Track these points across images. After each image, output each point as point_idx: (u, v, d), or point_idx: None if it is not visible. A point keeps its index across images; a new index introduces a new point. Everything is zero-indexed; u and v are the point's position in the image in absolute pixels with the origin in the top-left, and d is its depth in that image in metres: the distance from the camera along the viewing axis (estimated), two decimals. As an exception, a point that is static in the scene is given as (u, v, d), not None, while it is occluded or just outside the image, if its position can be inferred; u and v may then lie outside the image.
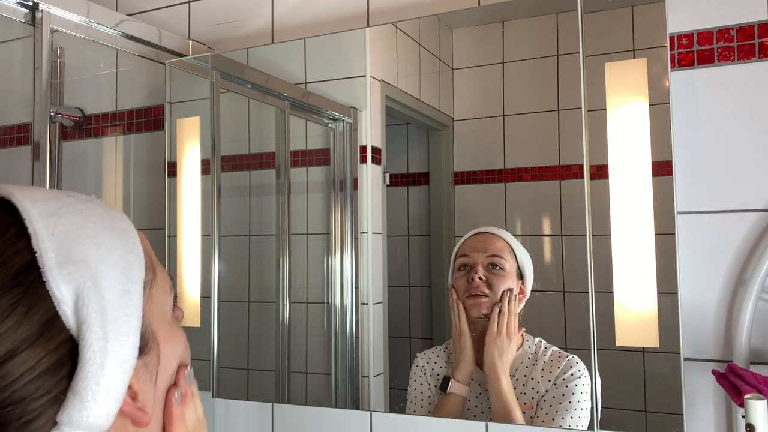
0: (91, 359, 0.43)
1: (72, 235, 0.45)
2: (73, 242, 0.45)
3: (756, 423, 0.83)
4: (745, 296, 0.96)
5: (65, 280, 0.43)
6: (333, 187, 1.29)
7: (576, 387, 1.04)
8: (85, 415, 0.42)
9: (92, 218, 0.48)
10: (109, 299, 0.45)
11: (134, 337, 0.46)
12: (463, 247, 1.14)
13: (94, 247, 0.46)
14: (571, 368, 1.06)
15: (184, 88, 1.42)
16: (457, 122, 1.17)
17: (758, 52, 1.01)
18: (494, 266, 1.10)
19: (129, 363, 0.45)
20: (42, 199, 0.47)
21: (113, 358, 0.44)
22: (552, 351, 1.09)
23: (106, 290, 0.45)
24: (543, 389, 1.07)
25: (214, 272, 1.34)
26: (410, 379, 1.18)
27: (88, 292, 0.43)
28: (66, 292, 0.43)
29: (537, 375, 1.08)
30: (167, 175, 1.42)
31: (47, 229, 0.44)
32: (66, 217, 0.46)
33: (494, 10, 1.16)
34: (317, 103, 1.33)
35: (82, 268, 0.44)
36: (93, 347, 0.43)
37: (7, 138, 1.63)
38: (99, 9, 1.24)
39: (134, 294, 0.47)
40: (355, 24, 1.29)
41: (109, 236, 0.48)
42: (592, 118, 1.03)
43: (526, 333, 1.11)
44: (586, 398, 1.03)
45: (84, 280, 0.44)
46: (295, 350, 1.33)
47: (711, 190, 1.02)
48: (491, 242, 1.12)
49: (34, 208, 0.45)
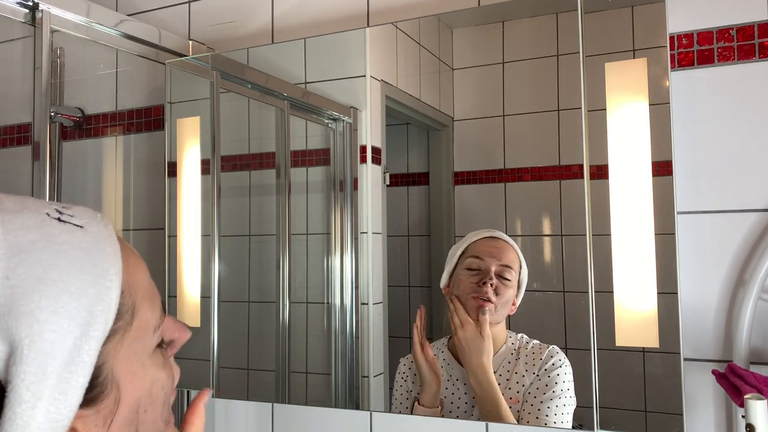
0: (10, 420, 0.40)
1: (33, 280, 0.42)
2: (28, 290, 0.41)
3: (756, 423, 0.83)
4: (745, 296, 0.96)
5: (2, 335, 0.40)
6: (333, 187, 1.29)
7: (558, 376, 1.06)
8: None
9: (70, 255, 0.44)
10: (53, 355, 0.41)
11: (75, 396, 0.43)
12: (474, 248, 1.13)
13: (53, 295, 0.42)
14: (552, 358, 1.07)
15: (184, 88, 1.42)
16: (457, 122, 1.17)
17: (758, 52, 1.01)
18: (503, 277, 1.10)
19: (61, 423, 0.42)
20: (22, 227, 0.43)
21: (43, 418, 0.41)
22: (533, 344, 1.10)
23: (53, 345, 0.41)
24: (528, 382, 1.08)
25: (214, 272, 1.34)
26: (394, 383, 1.19)
27: (22, 350, 0.40)
28: (0, 345, 0.40)
29: (521, 369, 1.09)
30: (167, 175, 1.42)
31: (4, 272, 0.41)
32: (36, 254, 0.42)
33: (494, 10, 1.16)
34: (317, 103, 1.33)
35: (26, 323, 0.40)
36: (14, 409, 0.40)
37: (7, 138, 1.63)
38: (99, 9, 1.24)
39: (86, 351, 0.43)
40: (355, 24, 1.29)
41: (79, 279, 0.43)
42: (592, 118, 1.03)
43: (509, 330, 1.11)
44: (569, 386, 1.04)
45: (23, 337, 0.40)
46: (295, 350, 1.33)
47: (711, 190, 1.02)
48: (505, 251, 1.11)
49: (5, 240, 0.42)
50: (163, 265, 1.39)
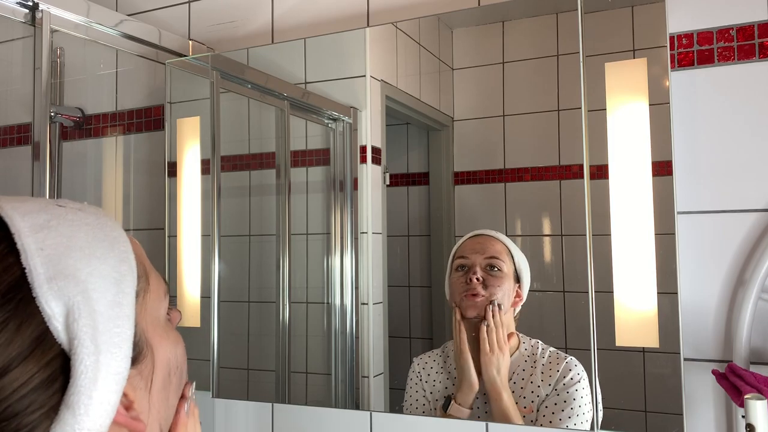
0: (83, 374, 0.43)
1: (62, 248, 0.45)
2: (63, 256, 0.45)
3: (756, 423, 0.83)
4: (745, 296, 0.96)
5: (55, 296, 0.43)
6: (333, 187, 1.29)
7: (576, 392, 1.04)
8: (78, 428, 0.42)
9: (83, 228, 0.48)
10: (100, 311, 0.45)
11: (126, 348, 0.46)
12: (461, 249, 1.14)
13: (84, 259, 0.46)
14: (570, 371, 1.05)
15: (184, 88, 1.42)
16: (457, 122, 1.17)
17: (758, 52, 1.01)
18: (492, 267, 1.10)
19: (121, 374, 0.46)
20: (31, 211, 0.47)
21: (105, 371, 0.44)
22: (550, 352, 1.09)
23: (97, 302, 0.45)
24: (543, 393, 1.06)
25: (214, 272, 1.34)
26: (407, 385, 1.18)
27: (78, 306, 0.44)
28: (56, 307, 0.43)
29: (537, 378, 1.07)
30: (167, 175, 1.42)
31: (36, 244, 0.44)
32: (56, 229, 0.46)
33: (494, 10, 1.16)
34: (317, 103, 1.33)
35: (72, 283, 0.44)
36: (85, 362, 0.43)
37: (7, 138, 1.63)
38: (99, 9, 1.24)
39: (126, 305, 0.47)
40: (355, 24, 1.29)
41: (100, 246, 0.48)
42: (592, 118, 1.03)
43: (522, 335, 1.11)
44: (587, 401, 1.03)
45: (74, 295, 0.44)
46: (295, 350, 1.33)
47: (711, 190, 1.02)
48: (490, 244, 1.12)
49: (24, 222, 0.45)
50: (163, 265, 1.39)
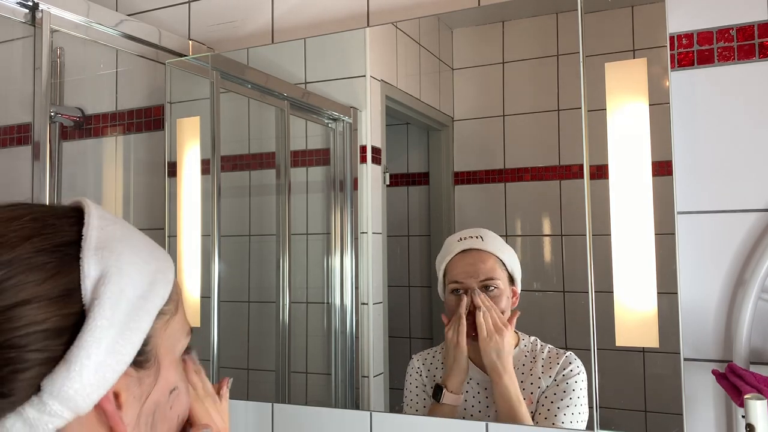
0: (91, 330, 0.45)
1: (118, 235, 0.51)
2: (116, 240, 0.50)
3: (756, 423, 0.83)
4: (745, 296, 0.96)
5: (95, 261, 0.47)
6: (333, 187, 1.29)
7: (575, 384, 1.05)
8: (68, 385, 0.44)
9: (142, 238, 0.54)
10: (127, 294, 0.48)
11: (138, 338, 0.48)
12: (452, 269, 1.12)
13: (131, 252, 0.51)
14: (570, 365, 1.07)
15: (184, 88, 1.42)
16: (457, 122, 1.17)
17: (758, 52, 1.01)
18: (488, 288, 1.10)
19: (124, 359, 0.47)
20: (106, 213, 0.53)
21: (111, 344, 0.46)
22: (549, 348, 1.10)
23: (128, 286, 0.48)
24: (544, 385, 1.07)
25: (214, 272, 1.34)
26: (406, 381, 1.18)
27: (111, 275, 0.47)
28: (93, 270, 0.47)
29: (537, 371, 1.08)
30: (167, 175, 1.42)
31: (99, 223, 0.50)
32: (119, 225, 0.53)
33: (494, 10, 1.16)
34: (317, 103, 1.33)
35: (114, 258, 0.49)
36: (96, 321, 0.45)
37: (7, 138, 1.63)
38: (99, 9, 1.24)
39: (151, 304, 0.50)
40: (355, 24, 1.29)
41: (146, 254, 0.53)
42: (592, 118, 1.03)
43: (521, 332, 1.11)
44: (584, 394, 1.04)
45: (111, 265, 0.48)
46: (295, 350, 1.33)
47: (711, 190, 1.02)
48: (481, 264, 1.11)
49: (96, 211, 0.52)
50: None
